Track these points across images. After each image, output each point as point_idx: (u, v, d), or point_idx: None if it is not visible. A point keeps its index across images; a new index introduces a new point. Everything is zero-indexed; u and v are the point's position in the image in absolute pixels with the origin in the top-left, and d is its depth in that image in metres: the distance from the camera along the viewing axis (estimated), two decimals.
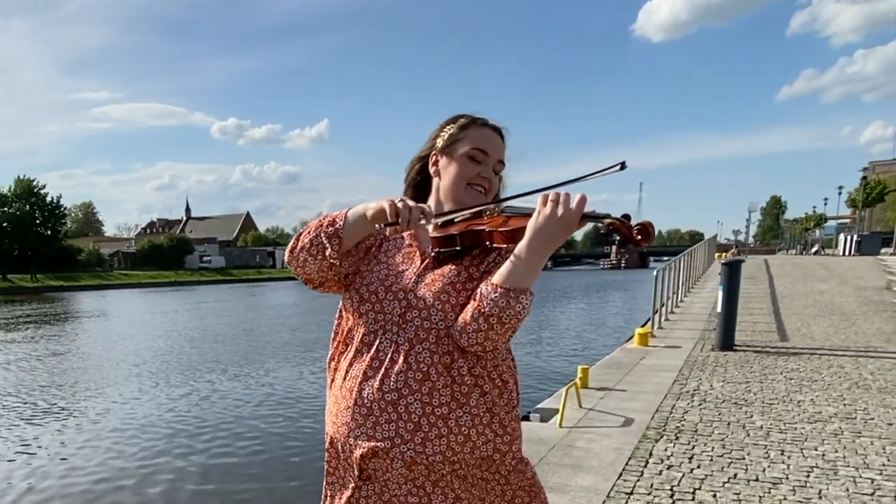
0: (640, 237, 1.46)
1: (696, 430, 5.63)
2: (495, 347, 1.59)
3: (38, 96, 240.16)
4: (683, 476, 4.50)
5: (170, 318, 30.75)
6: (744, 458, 4.85)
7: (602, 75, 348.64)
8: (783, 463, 4.73)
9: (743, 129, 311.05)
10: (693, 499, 4.09)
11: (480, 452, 1.63)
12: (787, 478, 4.42)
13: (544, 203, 1.51)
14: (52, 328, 26.80)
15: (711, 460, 4.83)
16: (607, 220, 1.51)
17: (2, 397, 12.26)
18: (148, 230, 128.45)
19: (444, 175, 1.75)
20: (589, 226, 1.59)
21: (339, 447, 1.74)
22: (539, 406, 6.80)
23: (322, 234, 1.65)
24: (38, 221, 73.57)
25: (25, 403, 11.77)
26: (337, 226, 1.65)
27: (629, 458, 4.92)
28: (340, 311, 1.80)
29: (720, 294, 9.89)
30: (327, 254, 1.64)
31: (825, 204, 78.96)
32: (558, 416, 5.99)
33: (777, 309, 14.92)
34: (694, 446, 5.18)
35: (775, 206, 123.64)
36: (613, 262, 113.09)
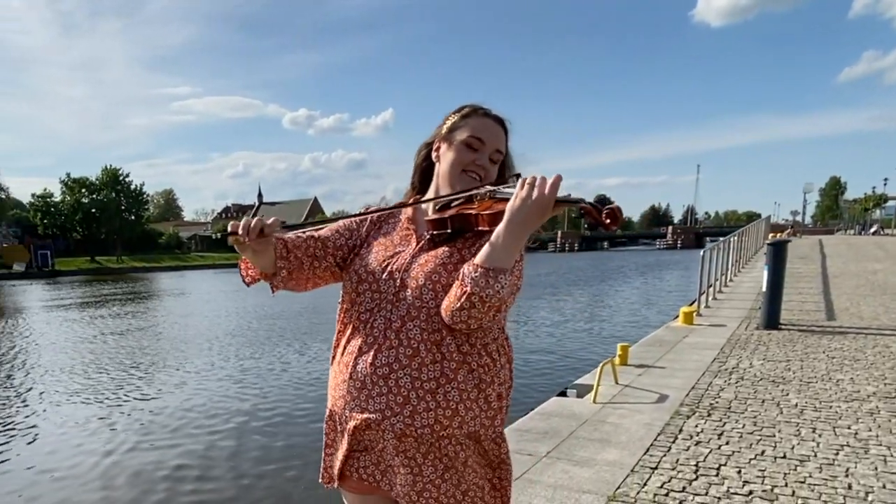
0: (608, 221, 1.47)
1: (729, 408, 5.49)
2: (480, 326, 1.58)
3: (125, 91, 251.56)
4: (710, 452, 4.40)
5: (242, 296, 31.42)
6: (774, 436, 4.70)
7: (660, 61, 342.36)
8: (813, 441, 4.57)
9: (802, 110, 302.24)
10: (717, 474, 3.99)
11: (468, 427, 1.64)
12: (816, 455, 4.27)
13: (521, 187, 1.51)
14: (135, 305, 27.84)
15: (741, 437, 4.70)
16: (580, 205, 1.50)
17: (91, 368, 12.66)
18: (223, 215, 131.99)
19: (443, 161, 1.77)
20: (645, 208, 1.56)
21: (337, 419, 1.78)
22: (576, 382, 6.74)
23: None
24: (123, 207, 76.43)
25: (112, 373, 12.16)
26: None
27: (658, 434, 4.83)
28: (342, 296, 1.83)
29: (765, 273, 9.60)
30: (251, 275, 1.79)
31: (885, 184, 75.65)
32: (593, 392, 5.93)
33: (827, 288, 14.38)
34: (725, 423, 5.05)
35: (834, 187, 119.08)
36: (670, 242, 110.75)
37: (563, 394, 6.49)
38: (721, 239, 14.84)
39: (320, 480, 1.90)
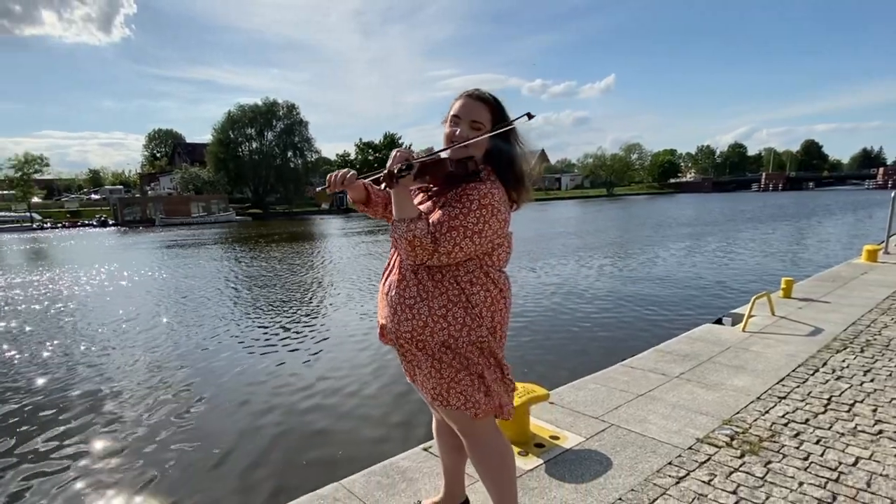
0: (384, 184, 1.70)
1: (887, 346, 4.48)
2: (423, 262, 1.70)
3: (405, 77, 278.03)
4: (850, 388, 3.64)
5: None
6: None
7: (878, 11, 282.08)
8: None
9: None
10: (849, 411, 3.29)
11: (438, 337, 1.76)
12: None
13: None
14: None
15: (889, 375, 3.82)
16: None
17: (370, 279, 13.56)
18: None
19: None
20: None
21: None
22: (733, 311, 5.96)
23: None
24: None
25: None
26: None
27: (798, 366, 4.11)
28: None
29: None
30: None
31: None
32: (743, 321, 5.21)
33: None
34: (877, 360, 4.14)
35: None
36: (880, 182, 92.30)
37: (718, 321, 5.80)
38: None
39: None
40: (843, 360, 4.17)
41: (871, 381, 3.75)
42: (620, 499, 2.45)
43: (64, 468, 4.26)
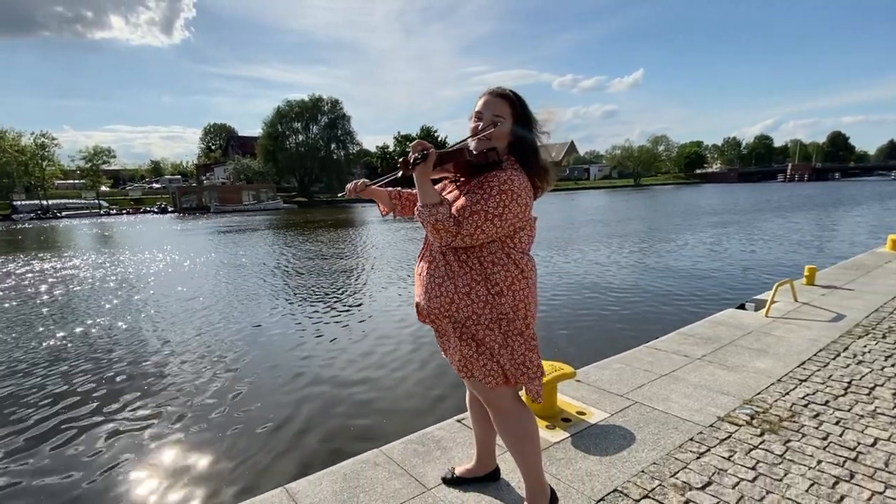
0: (400, 172, 1.80)
1: None
2: (447, 243, 1.76)
3: (441, 74, 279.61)
4: (871, 372, 3.54)
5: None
6: None
7: None
8: None
9: None
10: (869, 394, 3.21)
11: (462, 313, 1.82)
12: None
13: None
14: None
15: None
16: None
17: (406, 262, 13.71)
18: None
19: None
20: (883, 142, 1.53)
21: None
22: (756, 297, 5.82)
23: None
24: None
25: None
26: None
27: (820, 350, 4.01)
28: None
29: None
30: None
31: None
32: (766, 307, 5.09)
33: None
34: None
35: None
36: None
37: (742, 306, 5.69)
38: None
39: None
40: (865, 346, 4.05)
41: (893, 366, 3.63)
42: (643, 471, 2.46)
43: (129, 428, 4.48)
